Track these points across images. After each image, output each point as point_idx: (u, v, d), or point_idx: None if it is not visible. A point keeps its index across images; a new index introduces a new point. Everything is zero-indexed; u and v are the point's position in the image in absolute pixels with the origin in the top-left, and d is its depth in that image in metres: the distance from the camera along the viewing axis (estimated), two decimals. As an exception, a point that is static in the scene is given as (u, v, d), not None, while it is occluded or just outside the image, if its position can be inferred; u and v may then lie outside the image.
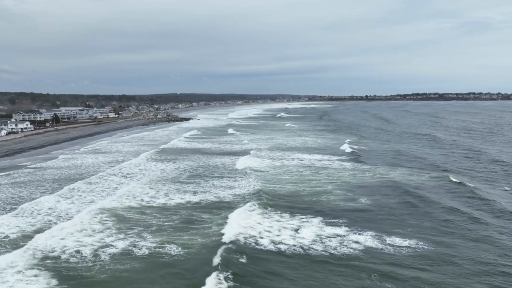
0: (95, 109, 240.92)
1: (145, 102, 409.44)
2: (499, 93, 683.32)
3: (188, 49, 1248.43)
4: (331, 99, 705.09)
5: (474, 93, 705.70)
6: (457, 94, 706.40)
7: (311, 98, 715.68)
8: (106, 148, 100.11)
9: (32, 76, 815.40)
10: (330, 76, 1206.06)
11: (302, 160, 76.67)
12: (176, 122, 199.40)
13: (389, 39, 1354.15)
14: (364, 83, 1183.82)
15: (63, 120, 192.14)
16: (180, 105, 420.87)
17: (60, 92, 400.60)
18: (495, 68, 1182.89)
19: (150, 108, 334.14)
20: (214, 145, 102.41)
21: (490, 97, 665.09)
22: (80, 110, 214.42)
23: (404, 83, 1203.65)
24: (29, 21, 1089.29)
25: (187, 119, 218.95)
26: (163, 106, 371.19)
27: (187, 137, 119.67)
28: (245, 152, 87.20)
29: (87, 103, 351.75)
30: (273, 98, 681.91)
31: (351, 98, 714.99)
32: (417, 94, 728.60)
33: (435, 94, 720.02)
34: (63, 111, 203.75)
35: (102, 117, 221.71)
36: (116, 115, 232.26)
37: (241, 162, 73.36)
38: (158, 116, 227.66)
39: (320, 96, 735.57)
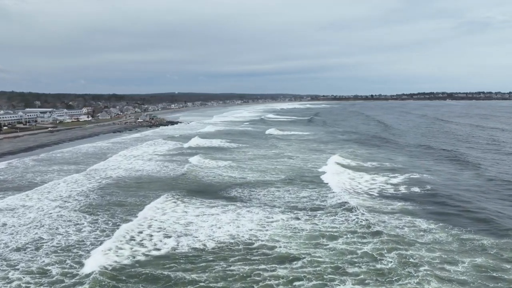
0: (64, 110, 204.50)
1: (135, 102, 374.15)
2: (510, 92, 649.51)
3: (188, 48, 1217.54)
4: (334, 98, 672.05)
5: (484, 92, 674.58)
6: (466, 93, 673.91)
7: (314, 98, 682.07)
8: (15, 178, 64.42)
9: (29, 75, 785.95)
10: (332, 76, 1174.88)
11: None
12: (159, 127, 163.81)
13: (389, 39, 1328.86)
14: (367, 82, 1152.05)
15: (18, 124, 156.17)
16: (173, 105, 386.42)
17: (55, 92, 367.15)
18: (497, 68, 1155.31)
19: (137, 109, 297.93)
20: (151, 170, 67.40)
21: (502, 96, 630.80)
22: (41, 112, 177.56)
23: (409, 82, 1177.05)
24: (29, 20, 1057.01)
25: (173, 123, 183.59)
26: (152, 107, 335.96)
27: (131, 155, 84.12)
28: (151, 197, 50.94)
29: (69, 103, 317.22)
30: (274, 97, 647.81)
31: (355, 97, 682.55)
32: (424, 94, 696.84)
33: (443, 93, 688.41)
34: (20, 113, 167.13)
35: (71, 120, 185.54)
36: (88, 118, 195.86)
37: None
38: (139, 120, 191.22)
39: (323, 96, 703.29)
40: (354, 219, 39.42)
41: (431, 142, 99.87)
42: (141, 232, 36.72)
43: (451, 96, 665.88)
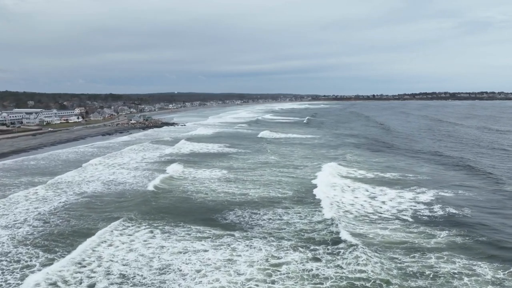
0: (54, 111, 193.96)
1: (131, 102, 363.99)
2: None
3: (188, 48, 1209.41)
4: (335, 98, 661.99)
5: (487, 92, 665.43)
6: (469, 93, 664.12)
7: (314, 98, 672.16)
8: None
9: (28, 74, 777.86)
10: (333, 75, 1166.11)
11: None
12: (152, 129, 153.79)
13: (390, 39, 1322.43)
14: (369, 82, 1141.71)
15: (1, 126, 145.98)
16: (171, 105, 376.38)
17: (53, 91, 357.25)
18: (499, 68, 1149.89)
19: (132, 110, 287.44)
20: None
21: (505, 96, 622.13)
22: (27, 113, 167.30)
23: (410, 82, 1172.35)
24: (29, 20, 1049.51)
25: (168, 124, 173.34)
26: (148, 107, 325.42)
27: (115, 163, 72.13)
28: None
29: (63, 103, 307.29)
30: (275, 97, 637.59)
31: (357, 97, 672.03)
32: (426, 94, 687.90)
33: (445, 93, 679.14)
34: (3, 114, 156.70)
35: (59, 122, 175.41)
36: (79, 120, 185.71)
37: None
38: (132, 121, 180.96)
39: (324, 96, 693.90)
40: (380, 259, 29.67)
41: (450, 150, 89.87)
42: (92, 286, 26.68)
43: (454, 96, 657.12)
